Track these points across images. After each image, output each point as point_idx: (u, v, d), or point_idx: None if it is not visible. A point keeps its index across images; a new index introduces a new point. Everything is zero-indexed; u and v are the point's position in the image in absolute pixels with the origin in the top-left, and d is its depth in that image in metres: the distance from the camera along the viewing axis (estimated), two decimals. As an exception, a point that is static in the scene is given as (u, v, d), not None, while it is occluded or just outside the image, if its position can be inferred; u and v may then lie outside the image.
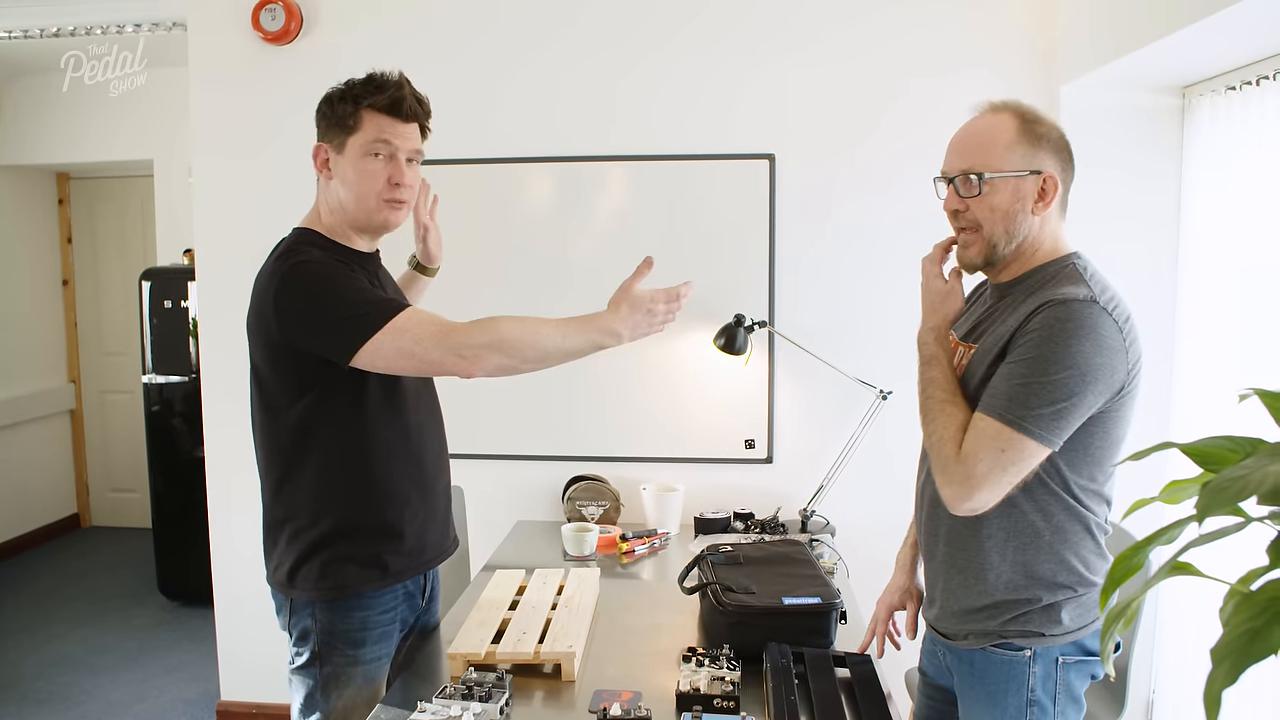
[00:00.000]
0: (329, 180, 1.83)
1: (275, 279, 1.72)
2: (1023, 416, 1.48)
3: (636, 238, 3.14)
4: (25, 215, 5.55)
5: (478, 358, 1.66)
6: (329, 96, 1.83)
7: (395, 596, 1.89)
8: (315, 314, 1.69)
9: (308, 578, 1.81)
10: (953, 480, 1.53)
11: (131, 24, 3.84)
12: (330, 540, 1.81)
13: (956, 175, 1.63)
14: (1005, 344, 1.56)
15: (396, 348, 1.65)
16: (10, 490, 5.43)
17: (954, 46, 2.99)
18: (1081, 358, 1.47)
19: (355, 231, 1.86)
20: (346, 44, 3.17)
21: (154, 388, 4.57)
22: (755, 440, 3.17)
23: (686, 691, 1.69)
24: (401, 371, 1.73)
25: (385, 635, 1.89)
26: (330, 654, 1.83)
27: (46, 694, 3.72)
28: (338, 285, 1.71)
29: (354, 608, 1.83)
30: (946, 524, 1.67)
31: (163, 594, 4.68)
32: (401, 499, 1.86)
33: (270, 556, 1.89)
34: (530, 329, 1.70)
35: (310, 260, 1.74)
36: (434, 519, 1.95)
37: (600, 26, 3.11)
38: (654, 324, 1.78)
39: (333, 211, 1.84)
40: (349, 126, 1.79)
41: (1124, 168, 2.85)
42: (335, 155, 1.81)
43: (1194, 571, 0.77)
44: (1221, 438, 0.80)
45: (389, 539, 1.85)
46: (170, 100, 4.63)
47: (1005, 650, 1.61)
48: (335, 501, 1.81)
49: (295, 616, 1.84)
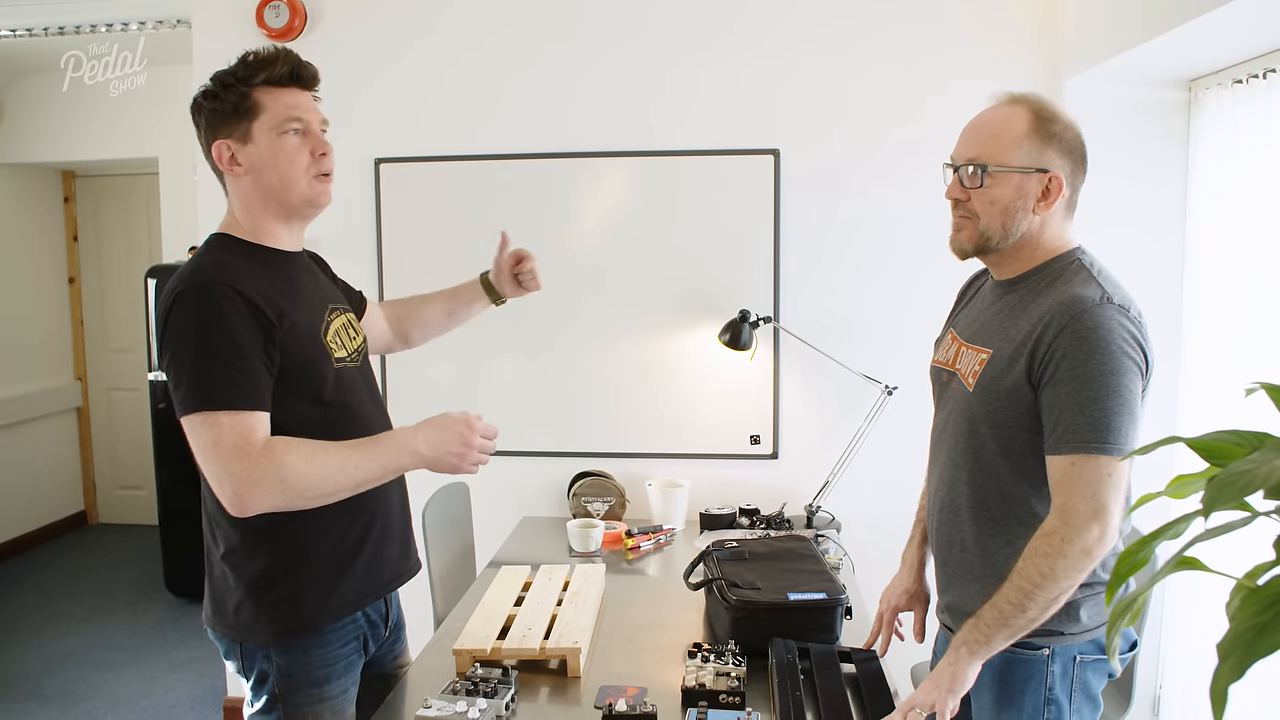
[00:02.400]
0: (240, 176, 1.67)
1: (171, 293, 1.56)
2: (1115, 440, 1.46)
3: (641, 233, 3.14)
4: (31, 213, 5.57)
5: (248, 503, 1.50)
6: (209, 92, 1.66)
7: (356, 625, 1.74)
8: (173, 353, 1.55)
9: (255, 619, 1.65)
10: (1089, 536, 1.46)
11: (136, 22, 3.85)
12: (274, 573, 1.64)
13: (963, 164, 1.62)
14: (1027, 353, 1.53)
15: (199, 439, 1.52)
16: (18, 487, 5.45)
17: (959, 40, 2.98)
18: (1122, 355, 1.47)
19: (282, 223, 1.70)
20: (350, 40, 3.17)
21: (160, 385, 4.58)
22: (760, 436, 3.17)
23: (692, 687, 1.69)
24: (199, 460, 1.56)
25: (349, 667, 1.74)
26: (292, 695, 1.68)
27: (54, 690, 3.74)
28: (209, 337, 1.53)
29: (312, 645, 1.67)
30: (968, 530, 1.66)
31: (169, 590, 4.70)
32: (349, 517, 1.68)
33: (210, 594, 1.72)
34: (318, 465, 1.53)
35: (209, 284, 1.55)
36: (389, 537, 1.78)
37: (605, 22, 3.11)
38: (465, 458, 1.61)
39: (251, 210, 1.69)
40: (247, 112, 1.64)
41: (1130, 161, 2.84)
42: (241, 147, 1.65)
43: (1200, 566, 0.77)
44: (1228, 432, 0.80)
45: (341, 564, 1.68)
46: (175, 98, 4.62)
47: (1023, 648, 1.59)
48: (274, 527, 1.61)
49: (248, 660, 1.69)
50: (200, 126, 1.69)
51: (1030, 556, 1.49)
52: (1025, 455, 1.57)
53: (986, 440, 1.61)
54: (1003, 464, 1.60)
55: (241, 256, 1.65)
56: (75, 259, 5.84)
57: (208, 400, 1.52)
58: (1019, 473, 1.59)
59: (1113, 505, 1.46)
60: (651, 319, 3.17)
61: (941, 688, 1.53)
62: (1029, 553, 1.50)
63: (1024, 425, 1.56)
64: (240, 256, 1.65)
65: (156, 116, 4.88)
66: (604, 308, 3.17)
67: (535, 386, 3.21)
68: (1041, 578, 1.47)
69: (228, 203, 1.73)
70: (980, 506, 1.64)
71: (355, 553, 1.70)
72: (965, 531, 1.67)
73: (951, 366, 1.73)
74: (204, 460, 1.53)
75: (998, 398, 1.58)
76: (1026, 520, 1.57)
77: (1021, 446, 1.57)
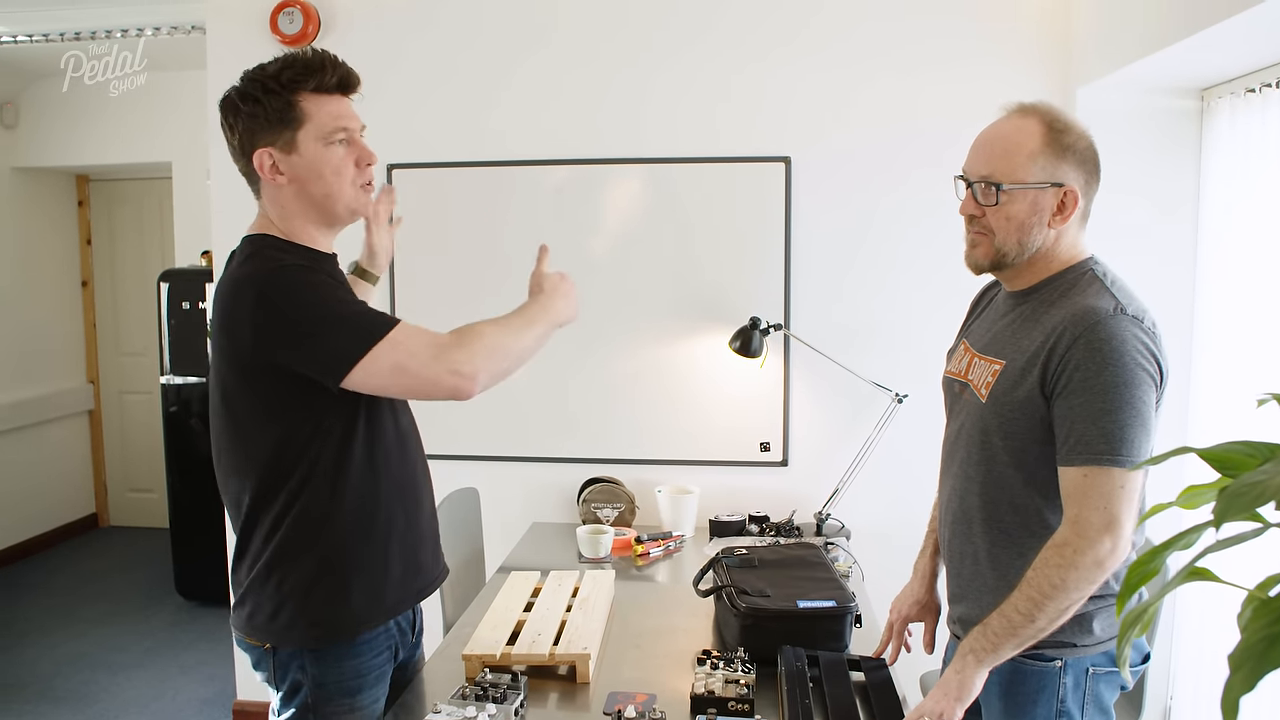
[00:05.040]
0: (281, 185, 1.62)
1: (249, 289, 1.53)
2: (1128, 452, 1.46)
3: (652, 240, 3.14)
4: (46, 217, 5.60)
5: (476, 374, 1.53)
6: (247, 95, 1.60)
7: (389, 634, 1.73)
8: (299, 328, 1.51)
9: (294, 624, 1.61)
10: (1101, 547, 1.46)
11: (150, 27, 3.88)
12: (316, 579, 1.61)
13: (976, 181, 1.61)
14: (1040, 364, 1.53)
15: (393, 363, 1.50)
16: (29, 490, 5.48)
17: (970, 49, 2.98)
18: (1136, 367, 1.46)
19: (323, 228, 1.68)
20: (364, 46, 3.18)
21: (171, 388, 4.61)
22: (771, 443, 3.17)
23: (701, 694, 1.69)
24: (393, 392, 1.59)
25: (380, 677, 1.73)
26: (324, 706, 1.65)
27: (64, 692, 3.75)
28: (323, 296, 1.54)
29: (346, 655, 1.65)
30: (981, 543, 1.65)
31: (179, 593, 4.71)
32: (390, 522, 1.68)
33: (243, 601, 1.66)
34: (511, 333, 1.61)
35: (288, 266, 1.56)
36: (424, 541, 1.78)
37: (616, 30, 3.12)
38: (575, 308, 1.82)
39: (289, 216, 1.65)
40: (292, 120, 1.59)
41: (1142, 171, 2.83)
42: (285, 156, 1.60)
43: (1211, 577, 0.77)
44: (1239, 443, 0.80)
45: (379, 570, 1.66)
46: (188, 103, 4.66)
47: (1035, 660, 1.59)
48: (319, 532, 1.61)
49: (280, 670, 1.65)
50: (235, 130, 1.62)
51: (1041, 567, 1.49)
52: (1038, 467, 1.56)
53: (999, 452, 1.61)
54: (1015, 476, 1.60)
55: (291, 254, 1.63)
56: (88, 263, 5.87)
57: (371, 333, 1.51)
58: (1032, 484, 1.58)
59: (1125, 517, 1.46)
60: (662, 325, 3.17)
61: (950, 696, 1.53)
62: (1040, 563, 1.49)
63: (1037, 437, 1.55)
64: (291, 255, 1.63)
65: (170, 121, 4.93)
66: (614, 314, 3.17)
67: (545, 392, 3.21)
68: (1052, 588, 1.46)
69: (260, 207, 1.69)
70: (993, 518, 1.64)
71: (393, 558, 1.69)
72: (978, 544, 1.67)
73: (964, 377, 1.73)
74: (415, 374, 1.52)
75: (1011, 409, 1.57)
76: (1039, 533, 1.56)
77: (1034, 458, 1.57)
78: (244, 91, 1.60)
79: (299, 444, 1.58)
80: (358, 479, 1.63)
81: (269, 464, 1.59)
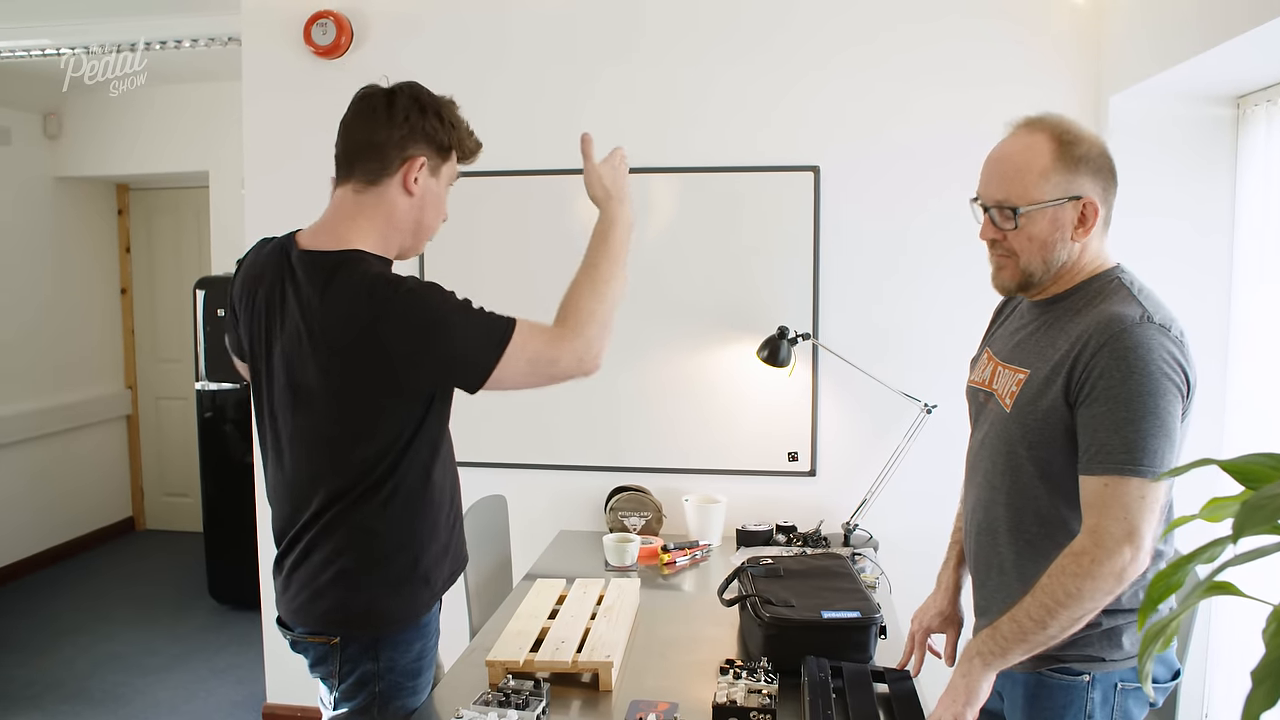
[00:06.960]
0: (409, 196, 1.66)
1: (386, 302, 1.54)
2: (1150, 462, 1.43)
3: (681, 248, 3.14)
4: (86, 225, 5.71)
5: (598, 354, 1.62)
6: (437, 112, 1.68)
7: (436, 612, 1.80)
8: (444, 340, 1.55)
9: (376, 615, 1.66)
10: (1121, 558, 1.43)
11: (189, 39, 3.94)
12: (402, 570, 1.67)
13: (992, 206, 1.59)
14: (1065, 372, 1.51)
15: (528, 358, 1.57)
16: (68, 493, 5.57)
17: (1002, 57, 2.96)
18: (1161, 376, 1.44)
19: (397, 251, 1.72)
20: (396, 57, 3.21)
21: (207, 394, 4.67)
22: (798, 453, 3.15)
23: (723, 704, 1.68)
24: (524, 386, 1.62)
25: (434, 657, 1.81)
26: (393, 693, 1.70)
27: (100, 693, 3.80)
28: (456, 307, 1.59)
29: (414, 638, 1.71)
30: (1006, 553, 1.64)
31: (212, 597, 4.77)
32: (452, 504, 1.78)
33: (317, 599, 1.66)
34: (611, 292, 1.67)
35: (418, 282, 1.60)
36: (461, 521, 1.85)
37: (645, 39, 3.13)
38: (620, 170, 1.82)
39: (396, 228, 1.68)
40: (447, 152, 1.70)
41: (1176, 179, 2.80)
42: (427, 176, 1.67)
43: (1233, 591, 0.76)
44: (1263, 455, 0.79)
45: (441, 552, 1.74)
46: (225, 113, 4.74)
47: (1063, 675, 1.57)
48: (409, 527, 1.67)
49: (349, 663, 1.67)
50: (406, 123, 1.65)
51: (1057, 574, 1.47)
52: (1063, 477, 1.54)
53: (1024, 462, 1.59)
54: (1040, 486, 1.58)
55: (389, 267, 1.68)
56: (127, 270, 5.97)
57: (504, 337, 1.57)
58: (1057, 495, 1.57)
59: (1145, 528, 1.43)
60: (690, 334, 3.17)
61: (959, 702, 1.52)
62: (1056, 570, 1.47)
63: (1061, 446, 1.53)
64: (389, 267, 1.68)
65: (206, 131, 5.01)
66: (643, 323, 3.17)
67: (573, 400, 3.22)
68: (1067, 596, 1.44)
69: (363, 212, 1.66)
70: (1018, 529, 1.62)
71: (447, 539, 1.76)
72: (1003, 554, 1.65)
73: (988, 387, 1.71)
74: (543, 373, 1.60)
75: (1035, 418, 1.56)
76: (1065, 544, 1.53)
77: (1060, 468, 1.55)
78: (434, 105, 1.69)
79: (402, 443, 1.63)
80: (439, 471, 1.72)
81: (363, 466, 1.62)
